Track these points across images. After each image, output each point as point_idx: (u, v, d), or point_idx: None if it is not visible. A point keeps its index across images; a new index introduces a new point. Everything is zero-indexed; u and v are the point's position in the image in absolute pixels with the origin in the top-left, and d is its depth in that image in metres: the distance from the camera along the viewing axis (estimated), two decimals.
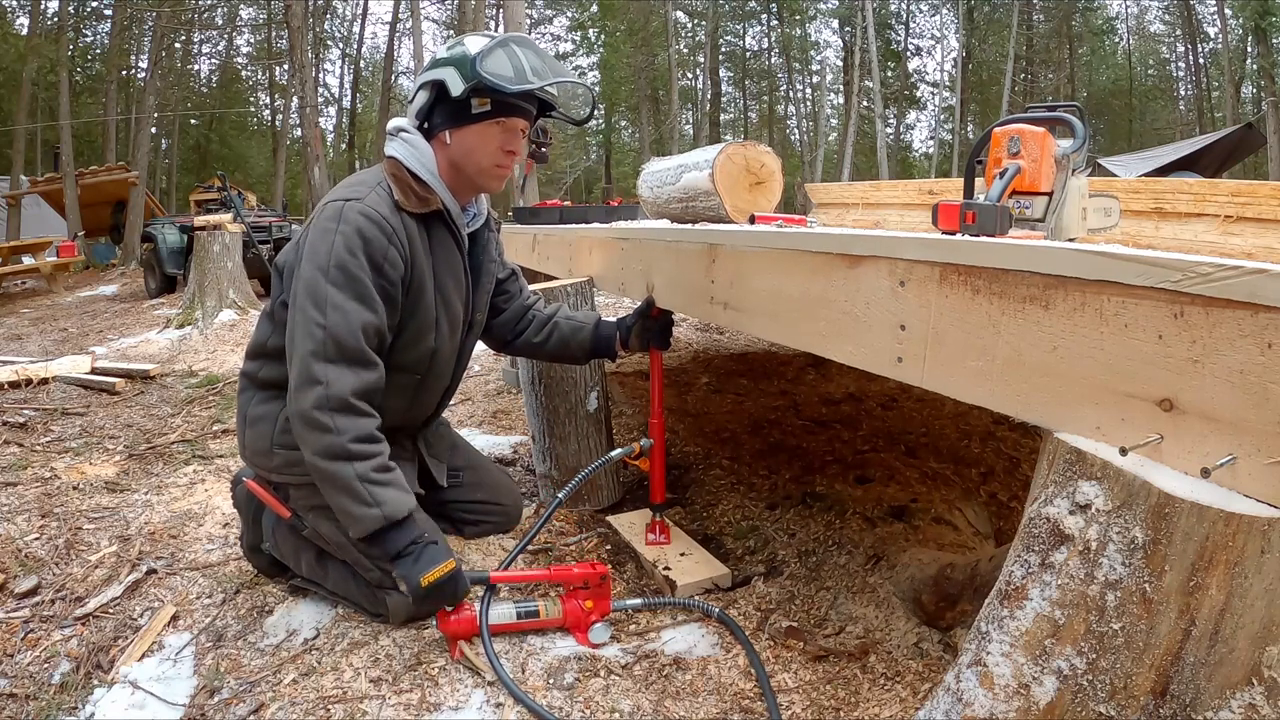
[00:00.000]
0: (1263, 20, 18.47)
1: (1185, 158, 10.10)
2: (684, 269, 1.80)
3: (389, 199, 1.54)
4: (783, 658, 1.51)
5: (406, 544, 1.47)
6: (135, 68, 21.70)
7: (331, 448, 1.43)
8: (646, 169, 2.96)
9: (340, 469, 1.43)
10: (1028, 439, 2.62)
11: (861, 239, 1.23)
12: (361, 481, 1.44)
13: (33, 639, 1.64)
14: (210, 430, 3.19)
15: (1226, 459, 0.78)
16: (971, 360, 1.04)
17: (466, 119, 1.58)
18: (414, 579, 1.45)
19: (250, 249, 6.91)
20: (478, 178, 1.65)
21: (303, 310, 1.48)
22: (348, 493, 1.44)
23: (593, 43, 27.75)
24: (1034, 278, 0.95)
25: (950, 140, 26.82)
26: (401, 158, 1.61)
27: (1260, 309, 0.74)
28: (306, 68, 11.86)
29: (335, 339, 1.45)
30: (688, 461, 2.53)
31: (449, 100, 1.56)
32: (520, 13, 11.08)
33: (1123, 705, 0.87)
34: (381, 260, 1.50)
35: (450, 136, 1.59)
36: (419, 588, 1.44)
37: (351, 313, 1.46)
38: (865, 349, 1.22)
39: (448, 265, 1.66)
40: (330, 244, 1.48)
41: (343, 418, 1.44)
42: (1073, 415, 0.93)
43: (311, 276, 1.48)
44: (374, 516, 1.44)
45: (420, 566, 1.45)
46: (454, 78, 1.53)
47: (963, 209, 1.28)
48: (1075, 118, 1.44)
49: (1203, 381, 0.80)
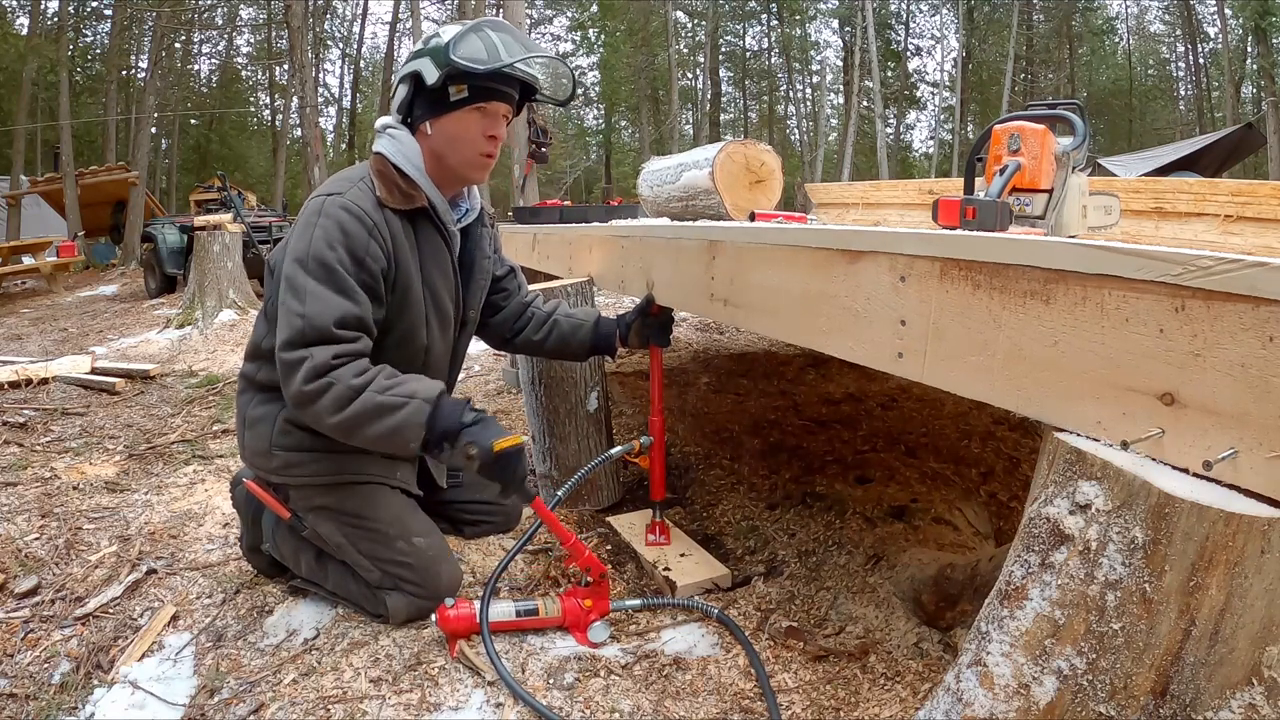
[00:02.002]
0: (1263, 20, 18.46)
1: (1185, 158, 10.10)
2: (684, 266, 1.79)
3: (372, 194, 1.53)
4: (783, 658, 1.51)
5: (466, 415, 1.45)
6: (135, 68, 21.70)
7: (339, 398, 1.41)
8: (647, 168, 2.96)
9: (358, 405, 1.41)
10: (1028, 439, 2.62)
11: (862, 234, 1.23)
12: (383, 394, 1.42)
13: (33, 639, 1.64)
14: (210, 430, 3.19)
15: (1228, 453, 0.78)
16: (972, 355, 1.04)
17: (445, 107, 1.56)
18: (485, 442, 1.41)
19: (250, 249, 6.91)
20: (461, 168, 1.62)
21: (284, 304, 1.47)
22: (379, 413, 1.41)
23: (593, 43, 27.74)
24: (1035, 272, 0.95)
25: (950, 140, 26.82)
26: (388, 154, 1.60)
27: (1261, 302, 0.74)
28: (306, 68, 11.85)
29: (314, 325, 1.43)
30: (688, 461, 2.52)
31: (426, 90, 1.54)
32: (520, 13, 11.09)
33: (1123, 705, 0.87)
34: (363, 254, 1.48)
35: (431, 127, 1.58)
36: (490, 452, 1.41)
37: (330, 303, 1.44)
38: (865, 345, 1.21)
39: (435, 262, 1.64)
40: (310, 238, 1.47)
41: (334, 373, 1.42)
42: (1074, 410, 0.92)
43: (291, 270, 1.47)
44: (416, 406, 1.41)
45: (491, 432, 1.43)
46: (429, 67, 1.52)
47: (963, 204, 1.28)
48: (1075, 115, 1.44)
49: (1204, 375, 0.79)
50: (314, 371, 1.41)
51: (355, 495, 1.63)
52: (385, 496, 1.66)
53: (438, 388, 1.47)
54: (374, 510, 1.63)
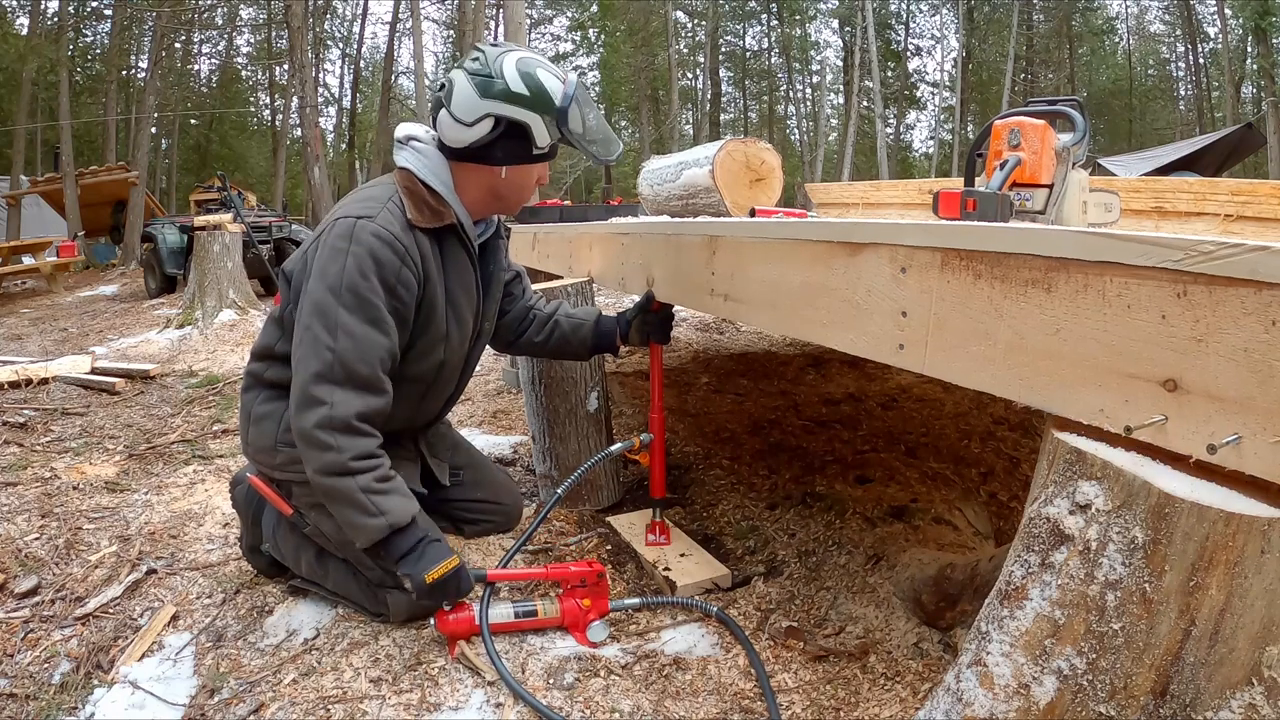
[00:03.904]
0: (1263, 20, 18.45)
1: (1185, 158, 10.09)
2: (684, 261, 1.79)
3: (401, 216, 1.53)
4: (783, 658, 1.51)
5: (410, 546, 1.48)
6: (135, 68, 21.73)
7: (333, 465, 1.44)
8: (647, 166, 2.96)
9: (343, 484, 1.45)
10: (1028, 439, 2.62)
11: (862, 226, 1.23)
12: (365, 493, 1.45)
13: (33, 639, 1.64)
14: (210, 430, 3.19)
15: (1232, 438, 0.77)
16: (973, 345, 1.03)
17: (530, 159, 1.61)
18: (419, 576, 1.46)
19: (250, 249, 6.91)
20: (513, 207, 1.71)
21: (310, 329, 1.47)
22: (352, 505, 1.45)
23: (593, 43, 27.79)
24: (1036, 261, 0.94)
25: (950, 140, 26.82)
26: (414, 169, 1.60)
27: (1263, 286, 0.73)
28: (306, 68, 11.86)
29: (344, 363, 1.45)
30: (688, 461, 2.52)
31: (525, 141, 1.57)
32: (520, 13, 11.07)
33: (1123, 705, 0.87)
34: (395, 282, 1.49)
35: (507, 172, 1.60)
36: (424, 584, 1.46)
37: (363, 338, 1.46)
38: (866, 337, 1.21)
39: (459, 278, 1.65)
40: (342, 265, 1.46)
41: (345, 438, 1.44)
42: (1076, 398, 0.92)
43: (322, 297, 1.47)
44: (379, 526, 1.45)
45: (424, 564, 1.47)
46: (541, 129, 1.55)
47: (963, 196, 1.28)
48: (1075, 111, 1.44)
49: (1207, 361, 0.79)
50: (329, 425, 1.44)
51: None
52: None
53: (409, 514, 1.50)
54: None
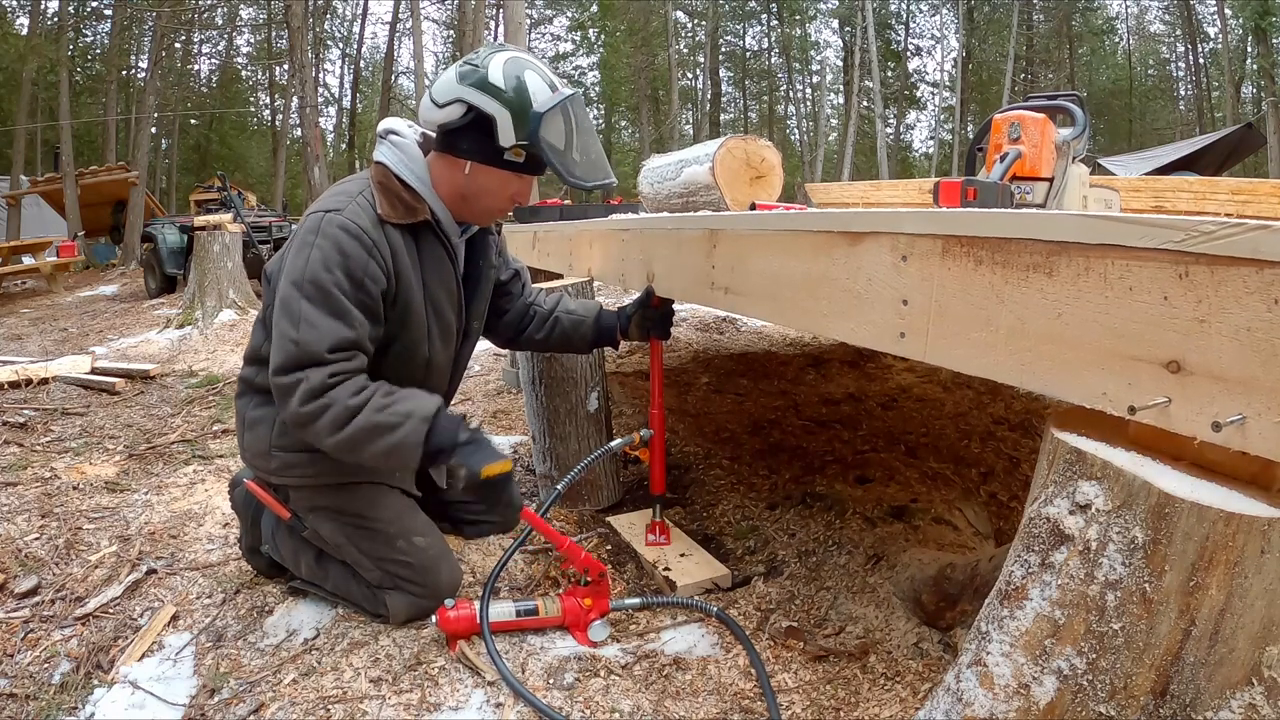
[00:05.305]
0: (1263, 20, 18.45)
1: (1185, 158, 10.09)
2: (684, 256, 1.79)
3: (371, 210, 1.50)
4: (783, 658, 1.51)
5: (462, 437, 1.44)
6: (135, 68, 21.71)
7: (337, 418, 1.41)
8: (647, 165, 2.96)
9: (356, 425, 1.41)
10: (1028, 439, 2.62)
11: (862, 216, 1.23)
12: (379, 412, 1.41)
13: (33, 639, 1.64)
14: (210, 430, 3.19)
15: (1236, 417, 0.76)
16: (975, 332, 1.03)
17: (497, 162, 1.52)
18: (475, 466, 1.42)
19: (250, 249, 6.91)
20: (478, 215, 1.62)
21: (278, 325, 1.46)
22: (376, 433, 1.41)
23: (593, 43, 27.79)
24: (1037, 245, 0.94)
25: (950, 140, 26.83)
26: (390, 164, 1.57)
27: (1265, 265, 0.73)
28: (306, 68, 11.85)
29: (307, 351, 1.42)
30: (688, 461, 2.52)
31: (489, 138, 1.48)
32: (520, 12, 11.07)
33: (1123, 705, 0.87)
34: (362, 275, 1.46)
35: (470, 168, 1.53)
36: (477, 476, 1.41)
37: (326, 330, 1.43)
38: (867, 326, 1.21)
39: (438, 275, 1.62)
40: (306, 258, 1.45)
41: (330, 392, 1.41)
42: (1079, 382, 0.91)
43: (287, 292, 1.45)
44: (413, 426, 1.41)
45: (482, 455, 1.43)
46: (508, 126, 1.46)
47: (964, 185, 1.28)
48: (1075, 105, 1.44)
49: (1209, 341, 0.78)
50: (310, 393, 1.41)
51: (355, 495, 1.63)
52: (385, 496, 1.66)
53: (434, 404, 1.46)
54: (374, 510, 1.63)
